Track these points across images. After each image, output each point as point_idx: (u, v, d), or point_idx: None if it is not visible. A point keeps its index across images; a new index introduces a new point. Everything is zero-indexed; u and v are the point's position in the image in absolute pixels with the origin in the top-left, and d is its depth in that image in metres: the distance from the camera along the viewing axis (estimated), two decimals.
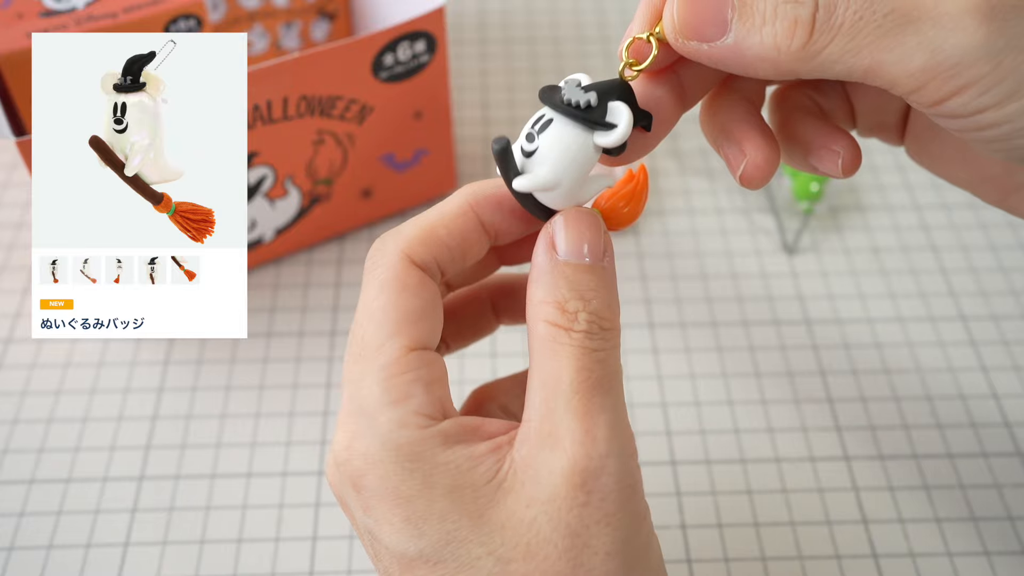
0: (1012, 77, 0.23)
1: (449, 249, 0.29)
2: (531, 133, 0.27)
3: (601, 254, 0.27)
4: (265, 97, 0.46)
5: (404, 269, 0.28)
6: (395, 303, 0.27)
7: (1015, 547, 0.42)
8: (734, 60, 0.25)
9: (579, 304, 0.26)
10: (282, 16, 0.59)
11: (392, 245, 0.28)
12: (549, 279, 0.26)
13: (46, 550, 0.42)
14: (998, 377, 0.48)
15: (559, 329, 0.25)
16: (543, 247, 0.27)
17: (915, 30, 0.23)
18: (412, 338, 0.27)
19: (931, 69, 0.23)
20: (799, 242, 0.55)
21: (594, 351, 0.25)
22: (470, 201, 0.29)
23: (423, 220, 0.29)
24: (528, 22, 0.70)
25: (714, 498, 0.44)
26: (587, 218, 0.27)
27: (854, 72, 0.24)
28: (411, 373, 0.26)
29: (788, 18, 0.24)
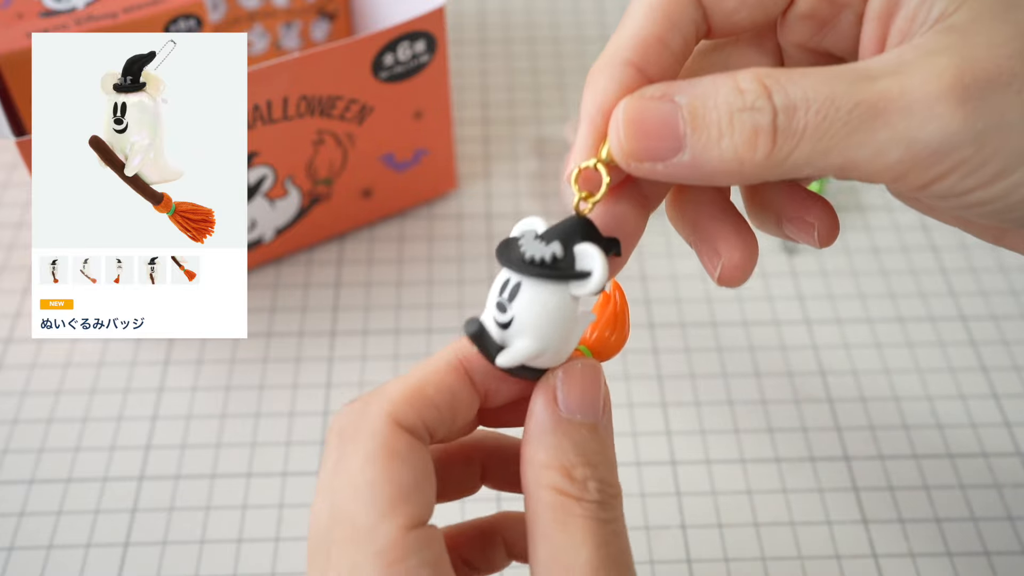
0: (998, 157, 0.21)
1: (439, 409, 0.26)
2: (501, 303, 0.24)
3: (601, 411, 0.25)
4: (265, 97, 0.46)
5: (392, 435, 0.24)
6: (387, 477, 0.24)
7: (1015, 547, 0.42)
8: (693, 175, 0.23)
9: (587, 471, 0.24)
10: (282, 16, 0.59)
11: (376, 408, 0.25)
12: (552, 440, 0.24)
13: (46, 550, 0.42)
14: (998, 377, 0.48)
15: (569, 499, 0.23)
16: (543, 403, 0.24)
17: (885, 123, 0.21)
18: (409, 516, 0.24)
19: (909, 160, 0.21)
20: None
21: (608, 523, 0.23)
22: (459, 357, 0.26)
23: (409, 379, 0.26)
24: (528, 22, 0.70)
25: (714, 498, 0.44)
26: (590, 372, 0.25)
27: (827, 171, 0.22)
28: (415, 558, 0.23)
29: (747, 128, 0.22)
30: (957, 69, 0.21)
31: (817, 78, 0.22)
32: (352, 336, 0.50)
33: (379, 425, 0.25)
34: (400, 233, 0.56)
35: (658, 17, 0.25)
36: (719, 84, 0.23)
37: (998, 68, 0.21)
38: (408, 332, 0.51)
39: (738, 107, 0.22)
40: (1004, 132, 0.21)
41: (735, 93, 0.22)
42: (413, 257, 0.54)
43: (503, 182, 0.58)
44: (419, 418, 0.25)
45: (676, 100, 0.23)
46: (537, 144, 0.61)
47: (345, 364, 0.49)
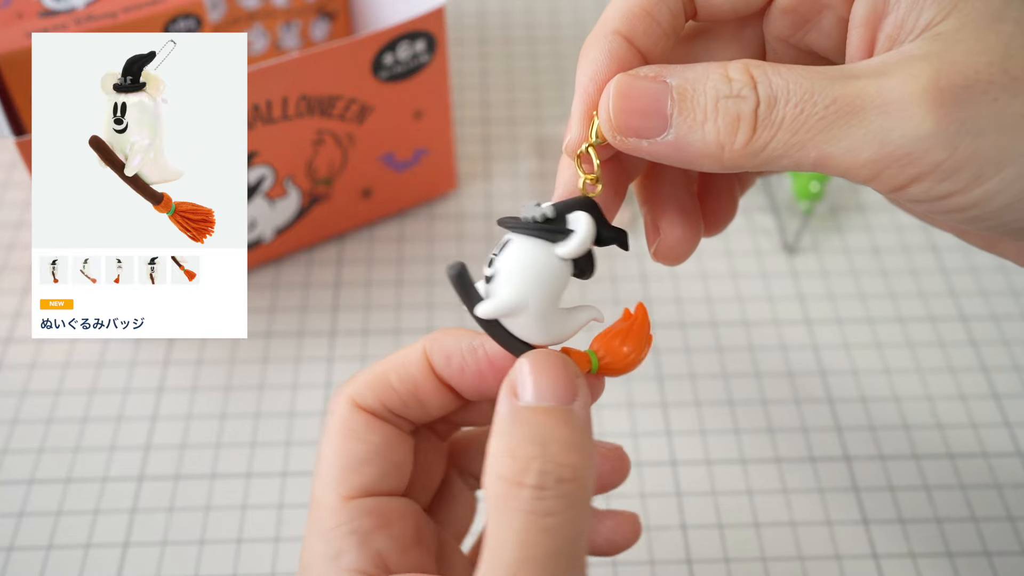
0: (972, 163, 0.21)
1: (399, 395, 0.27)
2: (491, 258, 0.25)
3: (569, 396, 0.24)
4: (265, 97, 0.46)
5: (349, 414, 0.27)
6: (337, 450, 0.26)
7: (1015, 547, 0.42)
8: (676, 156, 0.24)
9: (533, 450, 0.22)
10: (282, 16, 0.59)
11: (344, 392, 0.28)
12: (507, 428, 0.23)
13: (46, 550, 0.42)
14: (998, 377, 0.48)
15: (508, 485, 0.22)
16: (503, 395, 0.24)
17: (860, 121, 0.22)
18: (352, 486, 0.26)
19: (882, 159, 0.22)
20: (799, 242, 0.55)
21: (544, 516, 0.22)
22: (426, 349, 0.27)
23: (376, 365, 0.28)
24: (528, 22, 0.70)
25: (714, 498, 0.44)
26: (552, 359, 0.25)
27: (803, 165, 0.23)
28: (344, 526, 0.25)
29: (730, 114, 0.23)
30: (935, 73, 0.22)
31: (801, 73, 0.23)
32: (352, 336, 0.50)
33: (341, 407, 0.27)
34: (400, 233, 0.56)
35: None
36: (710, 70, 0.23)
37: (976, 75, 0.22)
38: (408, 332, 0.51)
39: (724, 94, 0.23)
40: (977, 138, 0.21)
41: (723, 80, 0.23)
42: (413, 257, 0.54)
43: (503, 182, 0.58)
44: (377, 400, 0.27)
45: (667, 81, 0.24)
46: (537, 144, 0.61)
47: (345, 364, 0.49)
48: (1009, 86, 0.21)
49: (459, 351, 0.27)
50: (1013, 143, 0.21)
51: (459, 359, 0.27)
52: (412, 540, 0.27)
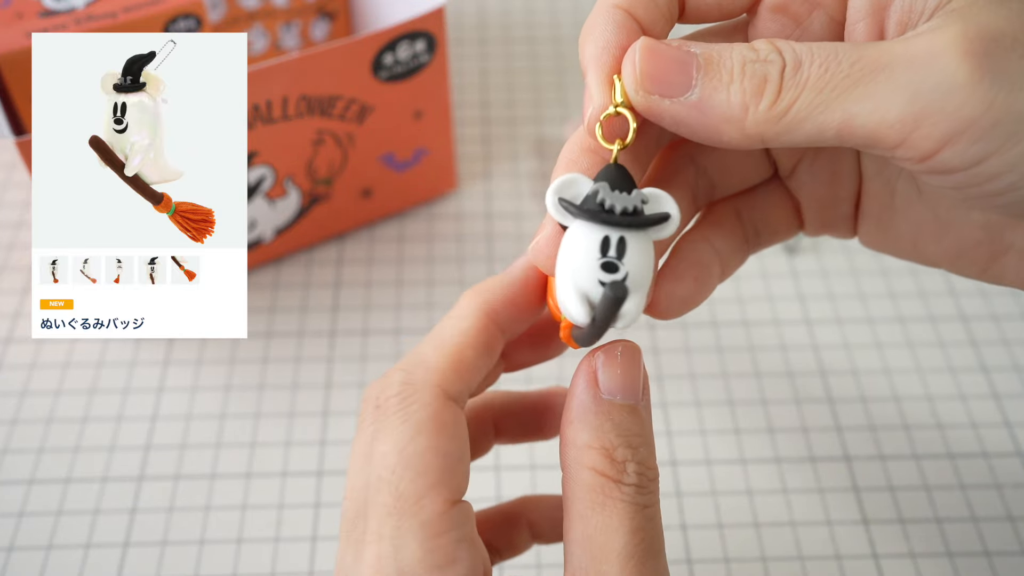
0: (1009, 117, 0.20)
1: (478, 371, 0.26)
2: (611, 262, 0.23)
3: (641, 392, 0.25)
4: (265, 97, 0.46)
5: (442, 407, 0.25)
6: (436, 448, 0.24)
7: (1015, 547, 0.42)
8: (697, 119, 0.23)
9: (628, 452, 0.24)
10: (282, 16, 0.59)
11: (423, 378, 0.25)
12: (594, 420, 0.24)
13: (46, 550, 0.42)
14: (998, 377, 0.48)
15: (608, 480, 0.23)
16: (584, 383, 0.25)
17: (887, 76, 0.21)
18: (453, 489, 0.24)
19: (913, 117, 0.21)
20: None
21: (645, 508, 0.23)
22: (485, 311, 0.27)
23: (447, 344, 0.26)
24: (528, 22, 0.70)
25: (714, 498, 0.44)
26: (630, 354, 0.25)
27: (826, 131, 0.22)
28: (456, 531, 0.24)
29: (758, 76, 0.22)
30: (962, 28, 0.21)
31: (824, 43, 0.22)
32: (352, 336, 0.50)
33: (428, 397, 0.25)
34: (400, 233, 0.56)
35: None
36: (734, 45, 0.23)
37: (1001, 31, 0.21)
38: (408, 332, 0.51)
39: (751, 59, 0.22)
40: (1012, 93, 0.20)
41: (749, 49, 0.23)
42: (413, 257, 0.54)
43: (503, 182, 0.58)
44: (464, 385, 0.26)
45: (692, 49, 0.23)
46: (537, 144, 0.61)
47: (345, 364, 0.49)
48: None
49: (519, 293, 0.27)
50: None
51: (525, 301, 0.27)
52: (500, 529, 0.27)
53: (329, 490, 0.44)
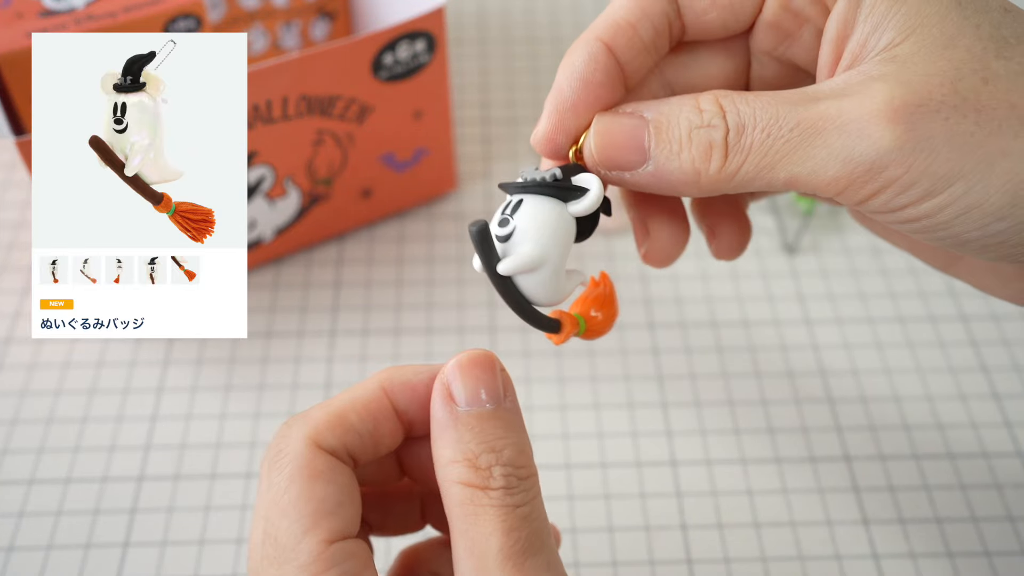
0: (925, 178, 0.23)
1: (360, 436, 0.27)
2: (504, 218, 0.26)
3: (502, 395, 0.25)
4: (265, 97, 0.46)
5: (312, 456, 0.26)
6: (307, 494, 0.25)
7: (1015, 547, 0.42)
8: (657, 184, 0.26)
9: (491, 457, 0.24)
10: (282, 16, 0.59)
11: (298, 431, 0.26)
12: (453, 434, 0.24)
13: (46, 550, 0.42)
14: (998, 377, 0.48)
15: (475, 490, 0.24)
16: (440, 400, 0.25)
17: (823, 142, 0.23)
18: (331, 530, 0.25)
19: (846, 176, 0.23)
20: (799, 242, 0.55)
21: (516, 507, 0.24)
22: (384, 385, 0.27)
23: (332, 404, 0.27)
24: (528, 22, 0.70)
25: (714, 498, 0.44)
26: (480, 360, 0.25)
27: (774, 185, 0.25)
28: (335, 569, 0.24)
29: (703, 143, 0.25)
30: (890, 93, 0.23)
31: (766, 99, 0.25)
32: (352, 336, 0.50)
33: (300, 447, 0.26)
34: (400, 233, 0.56)
35: (631, 5, 0.27)
36: (683, 103, 0.25)
37: (929, 95, 0.23)
38: (408, 332, 0.51)
39: (696, 124, 0.25)
40: (930, 155, 0.23)
41: (695, 112, 0.25)
42: (413, 257, 0.54)
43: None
44: (340, 442, 0.26)
45: (644, 116, 0.26)
46: None
47: (345, 364, 0.49)
48: (959, 106, 0.23)
49: (423, 383, 0.27)
50: (961, 161, 0.23)
51: (423, 391, 0.27)
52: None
53: None
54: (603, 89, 0.27)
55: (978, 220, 0.23)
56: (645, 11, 0.27)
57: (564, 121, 0.27)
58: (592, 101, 0.27)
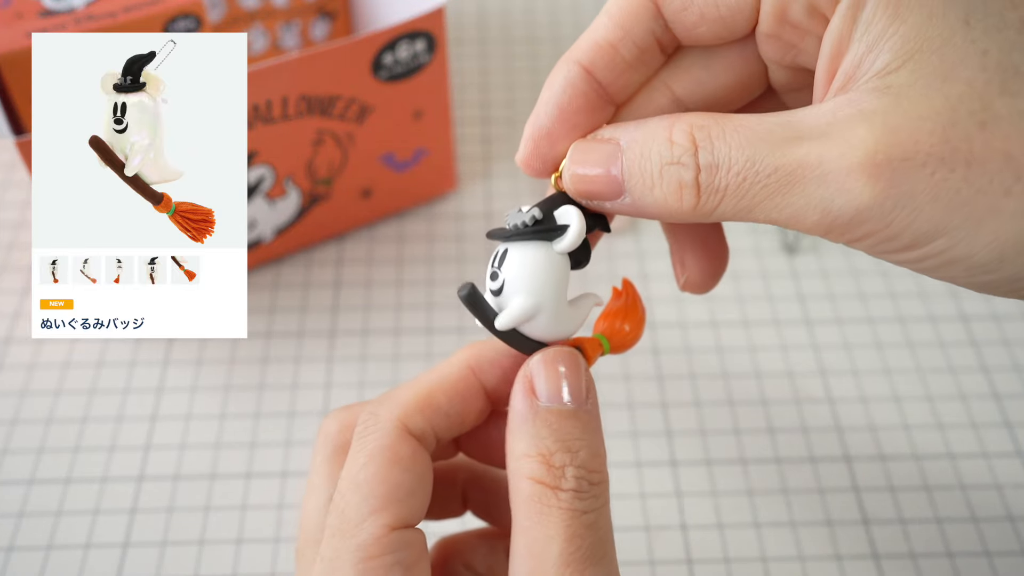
0: (906, 233, 0.22)
1: (448, 417, 0.27)
2: (494, 271, 0.26)
3: (584, 396, 0.25)
4: (265, 97, 0.46)
5: (398, 439, 0.26)
6: (384, 476, 0.25)
7: (1015, 547, 0.42)
8: (638, 213, 0.25)
9: (566, 457, 0.24)
10: (282, 16, 0.59)
11: (387, 412, 0.27)
12: (531, 428, 0.24)
13: (45, 550, 0.42)
14: (998, 377, 0.48)
15: (546, 488, 0.23)
16: (521, 393, 0.25)
17: (802, 191, 0.22)
18: (397, 516, 0.25)
19: (826, 224, 0.23)
20: (799, 242, 0.55)
21: (584, 513, 0.23)
22: (471, 364, 0.27)
23: (421, 385, 0.27)
24: (528, 22, 0.70)
25: (714, 498, 0.44)
26: (566, 357, 0.25)
27: (754, 221, 0.24)
28: (390, 556, 0.24)
29: (672, 182, 0.24)
30: (874, 143, 0.22)
31: (745, 136, 0.23)
32: (352, 336, 0.50)
33: (388, 428, 0.26)
34: (400, 233, 0.56)
35: (612, 25, 0.26)
36: (656, 133, 0.24)
37: (916, 146, 0.21)
38: (408, 332, 0.51)
39: (667, 161, 0.24)
40: (911, 211, 0.22)
41: (666, 145, 0.24)
42: (413, 257, 0.54)
43: (503, 182, 0.58)
44: (428, 425, 0.27)
45: (620, 143, 0.25)
46: None
47: (345, 364, 0.49)
48: (947, 158, 0.21)
49: (512, 362, 0.27)
50: (945, 219, 0.22)
51: (513, 370, 0.27)
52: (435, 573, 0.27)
53: None
54: (580, 115, 0.26)
55: (964, 271, 0.23)
56: (627, 30, 0.26)
57: (539, 148, 0.26)
58: (568, 128, 0.26)
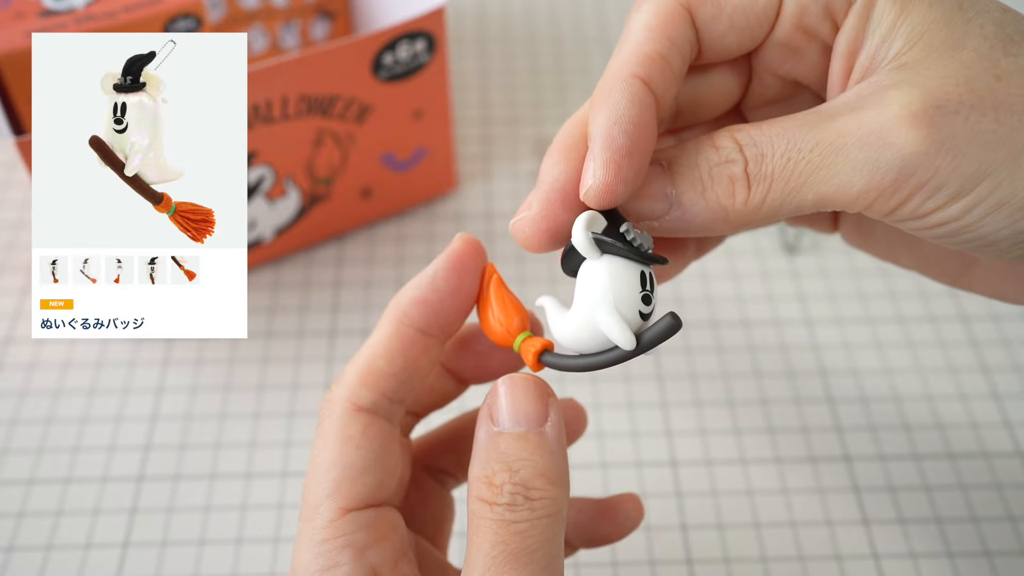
0: (953, 179, 0.23)
1: (395, 376, 0.28)
2: (647, 295, 0.26)
3: (540, 420, 0.25)
4: (265, 97, 0.46)
5: (347, 419, 0.27)
6: (334, 459, 0.27)
7: (1015, 547, 0.42)
8: (687, 229, 0.26)
9: (505, 476, 0.24)
10: (282, 16, 0.59)
11: (336, 395, 0.28)
12: (483, 453, 0.25)
13: (45, 550, 0.42)
14: (998, 377, 0.48)
15: (483, 504, 0.24)
16: (482, 420, 0.26)
17: (845, 157, 0.23)
18: (350, 497, 0.26)
19: (875, 188, 0.23)
20: (799, 242, 0.55)
21: (513, 523, 0.24)
22: (397, 316, 0.28)
23: (360, 357, 0.28)
24: (528, 22, 0.70)
25: (714, 498, 0.44)
26: (526, 385, 0.26)
27: (804, 208, 0.24)
28: (343, 538, 0.26)
29: (724, 178, 0.25)
30: (908, 98, 0.23)
31: (781, 126, 0.24)
32: (352, 336, 0.50)
33: (338, 411, 0.27)
34: (400, 233, 0.56)
35: (659, 36, 0.26)
36: (698, 145, 0.25)
37: (946, 96, 0.23)
38: None
39: (715, 162, 0.25)
40: (955, 155, 0.23)
41: (712, 150, 0.25)
42: (413, 257, 0.54)
43: (503, 182, 0.58)
44: (376, 393, 0.27)
45: (661, 163, 0.26)
46: (537, 144, 0.61)
47: (344, 364, 0.49)
48: (977, 104, 0.23)
49: (428, 291, 0.28)
50: (987, 158, 0.23)
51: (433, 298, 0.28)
52: (401, 551, 0.27)
53: None
54: (650, 129, 0.26)
55: (1007, 217, 0.23)
56: (673, 41, 0.26)
57: (622, 170, 0.25)
58: (645, 144, 0.25)
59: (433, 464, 0.33)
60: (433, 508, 0.33)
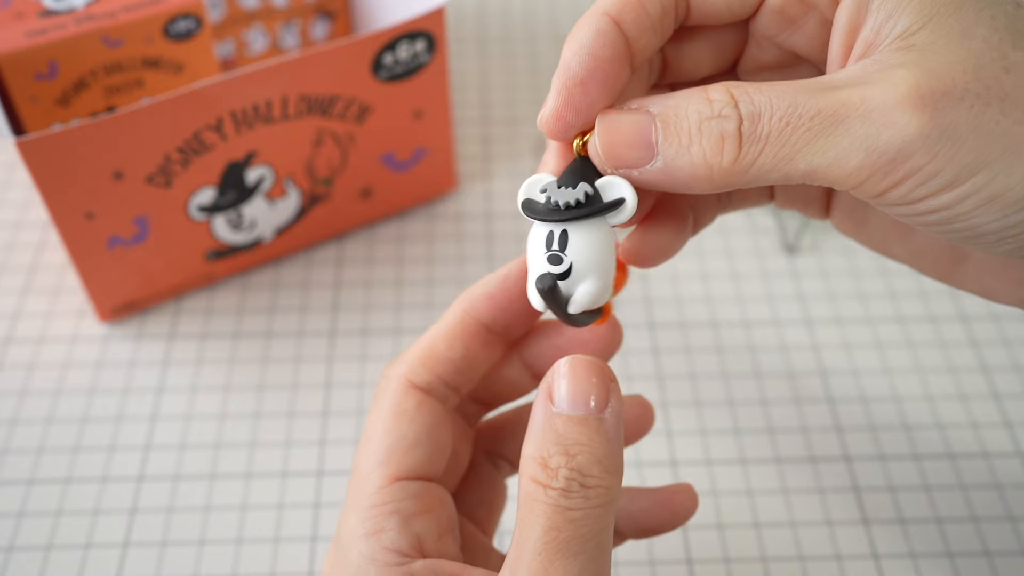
0: (949, 167, 0.22)
1: (453, 362, 0.29)
2: (555, 254, 0.25)
3: (602, 405, 0.25)
4: (265, 97, 0.46)
5: (403, 394, 0.28)
6: (387, 430, 0.27)
7: (1015, 547, 0.42)
8: (666, 182, 0.25)
9: (562, 459, 0.24)
10: (282, 16, 0.59)
11: (395, 370, 0.29)
12: (539, 433, 0.25)
13: (45, 550, 0.42)
14: (998, 377, 0.48)
15: (538, 486, 0.24)
16: (539, 401, 0.26)
17: (846, 130, 0.23)
18: (400, 467, 0.27)
19: (869, 166, 0.23)
20: (799, 242, 0.55)
21: (568, 510, 0.24)
22: (464, 307, 0.29)
23: (423, 340, 0.29)
24: (528, 22, 0.70)
25: (714, 498, 0.44)
26: (590, 368, 0.25)
27: (792, 178, 0.23)
28: (391, 504, 0.26)
29: (714, 134, 0.23)
30: (915, 80, 0.22)
31: (782, 88, 0.23)
32: (352, 336, 0.50)
33: (395, 386, 0.28)
34: (400, 233, 0.56)
35: None
36: (691, 95, 0.24)
37: (953, 82, 0.22)
38: (408, 332, 0.51)
39: (707, 115, 0.24)
40: (955, 143, 0.22)
41: (704, 103, 0.24)
42: (413, 257, 0.54)
43: (503, 182, 0.58)
44: (433, 375, 0.28)
45: (650, 110, 0.25)
46: (537, 144, 0.61)
47: (345, 364, 0.49)
48: (982, 94, 0.22)
49: (498, 290, 0.29)
50: (986, 150, 0.22)
51: (504, 295, 0.29)
52: (448, 527, 0.28)
53: (329, 490, 0.44)
54: (611, 64, 0.25)
55: (999, 211, 0.23)
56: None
57: (573, 97, 0.25)
58: (601, 76, 0.25)
59: (492, 449, 0.34)
60: (486, 493, 0.33)
